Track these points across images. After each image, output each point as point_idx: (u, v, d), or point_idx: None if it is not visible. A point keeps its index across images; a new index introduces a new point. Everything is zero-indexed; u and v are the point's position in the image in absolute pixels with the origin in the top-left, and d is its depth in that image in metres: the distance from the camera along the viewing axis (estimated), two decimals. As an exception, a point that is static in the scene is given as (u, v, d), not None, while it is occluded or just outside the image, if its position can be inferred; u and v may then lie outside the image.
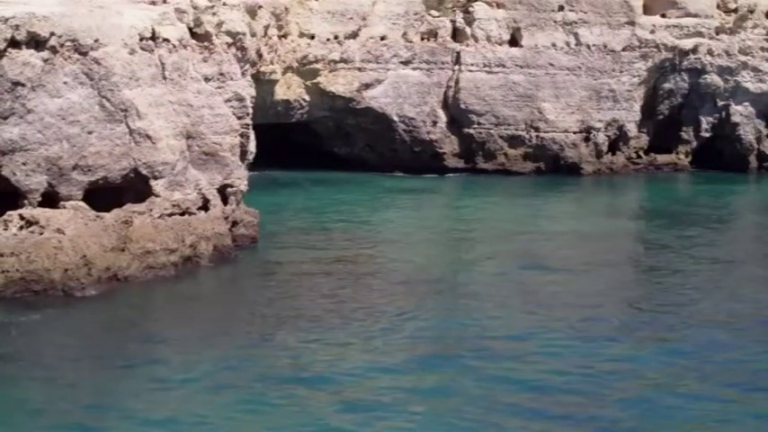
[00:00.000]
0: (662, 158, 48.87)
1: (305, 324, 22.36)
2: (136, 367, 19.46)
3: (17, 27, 24.90)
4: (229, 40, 30.69)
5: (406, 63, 45.24)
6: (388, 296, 24.78)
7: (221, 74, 29.94)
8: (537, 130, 46.16)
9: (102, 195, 26.28)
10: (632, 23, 47.31)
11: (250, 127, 30.77)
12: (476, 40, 45.93)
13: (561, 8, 46.63)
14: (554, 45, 46.49)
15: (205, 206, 28.27)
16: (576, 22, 46.63)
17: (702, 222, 36.50)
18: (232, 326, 22.51)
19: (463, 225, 36.06)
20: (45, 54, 25.29)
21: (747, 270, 29.01)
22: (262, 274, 27.14)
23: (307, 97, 43.48)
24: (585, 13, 46.78)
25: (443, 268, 28.61)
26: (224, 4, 31.25)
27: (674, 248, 31.53)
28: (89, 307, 23.33)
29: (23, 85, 24.88)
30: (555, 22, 46.54)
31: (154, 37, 27.95)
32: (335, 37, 43.43)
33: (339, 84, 43.90)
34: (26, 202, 25.15)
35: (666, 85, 48.38)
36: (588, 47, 46.73)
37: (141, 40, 27.50)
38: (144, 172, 26.87)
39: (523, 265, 28.73)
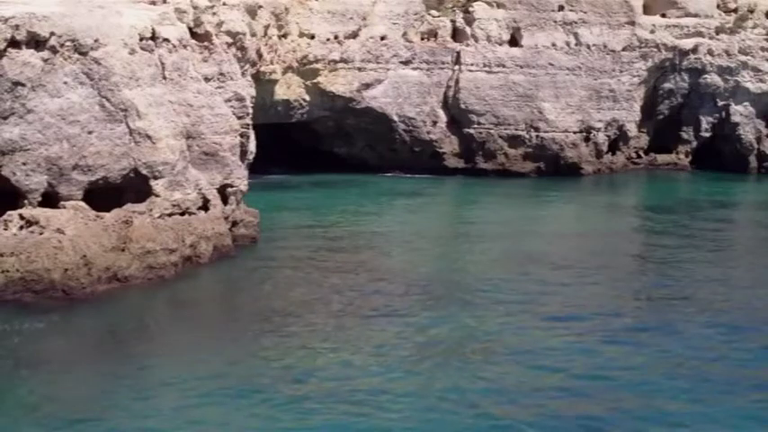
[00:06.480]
0: (662, 158, 48.89)
1: (305, 325, 22.36)
2: (136, 370, 19.44)
3: (17, 27, 24.90)
4: (229, 40, 30.72)
5: (406, 63, 45.22)
6: (389, 297, 24.76)
7: (221, 74, 29.97)
8: (537, 129, 46.14)
9: (102, 195, 26.27)
10: (632, 23, 47.31)
11: (250, 127, 30.80)
12: (476, 39, 45.92)
13: (561, 8, 46.64)
14: (554, 45, 46.48)
15: (205, 206, 28.27)
16: (575, 22, 46.62)
17: (702, 222, 36.51)
18: (232, 326, 22.49)
19: (463, 225, 36.08)
20: (45, 54, 25.30)
21: (747, 269, 29.03)
22: (261, 274, 27.11)
23: (307, 97, 43.45)
24: (585, 12, 46.78)
25: (444, 269, 28.59)
26: (224, 4, 31.29)
27: (675, 248, 31.54)
28: (89, 307, 23.31)
29: (23, 85, 24.88)
30: (555, 21, 46.53)
31: (154, 37, 27.95)
32: (335, 37, 43.41)
33: (339, 84, 43.88)
34: (26, 202, 25.16)
35: (666, 85, 48.37)
36: (588, 47, 46.72)
37: (141, 40, 27.50)
38: (144, 172, 26.86)
39: (524, 264, 28.73)
